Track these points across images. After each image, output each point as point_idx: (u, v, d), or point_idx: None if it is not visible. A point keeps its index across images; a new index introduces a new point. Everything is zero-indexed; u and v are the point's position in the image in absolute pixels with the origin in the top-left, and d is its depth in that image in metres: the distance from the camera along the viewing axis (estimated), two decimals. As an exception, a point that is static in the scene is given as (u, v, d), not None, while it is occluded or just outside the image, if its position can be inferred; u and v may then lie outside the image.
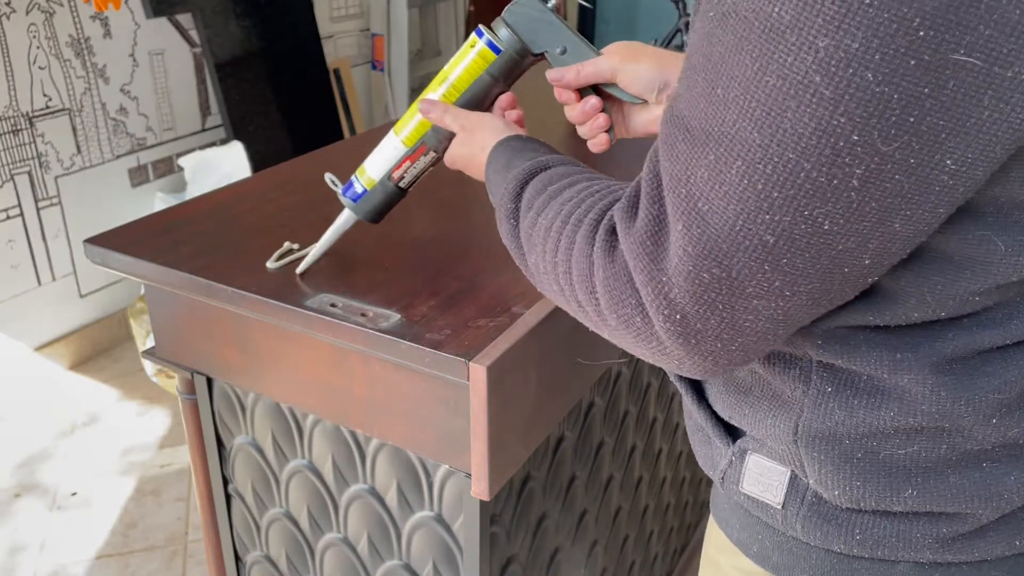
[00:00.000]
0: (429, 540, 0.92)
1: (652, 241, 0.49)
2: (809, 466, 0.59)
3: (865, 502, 0.58)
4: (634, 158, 1.12)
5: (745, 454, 0.63)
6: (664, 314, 0.50)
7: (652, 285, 0.49)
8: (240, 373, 0.96)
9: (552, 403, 0.88)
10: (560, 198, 0.61)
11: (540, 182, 0.65)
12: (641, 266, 0.50)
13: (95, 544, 1.89)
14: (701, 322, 0.49)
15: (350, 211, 0.90)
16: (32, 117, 2.34)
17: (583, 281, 0.55)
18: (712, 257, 0.46)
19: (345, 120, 3.33)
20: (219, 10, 2.72)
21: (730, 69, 0.44)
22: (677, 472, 1.54)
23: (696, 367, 0.53)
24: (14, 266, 2.38)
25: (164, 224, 1.01)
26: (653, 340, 0.52)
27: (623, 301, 0.52)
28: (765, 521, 0.64)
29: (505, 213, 0.67)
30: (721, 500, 0.70)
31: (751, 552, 0.67)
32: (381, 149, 0.88)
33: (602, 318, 0.55)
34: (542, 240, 0.60)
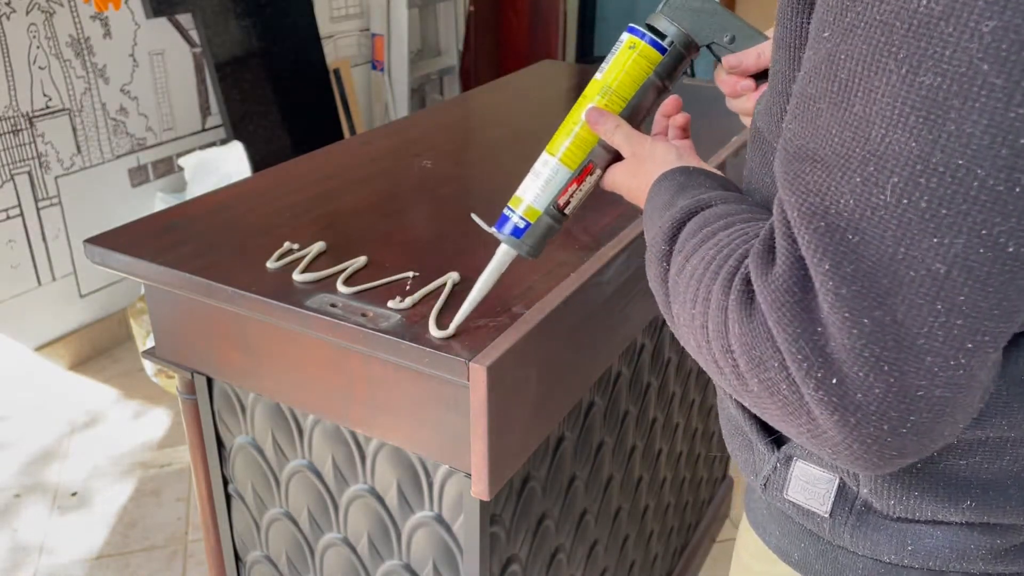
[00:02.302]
0: (429, 540, 0.92)
1: (798, 289, 0.42)
2: (864, 475, 0.56)
3: (921, 512, 0.55)
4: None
5: (791, 460, 0.60)
6: (816, 378, 0.42)
7: (800, 342, 0.42)
8: (240, 373, 0.96)
9: (552, 403, 0.88)
10: (711, 242, 0.54)
11: (697, 223, 0.57)
12: (785, 321, 0.42)
13: (95, 544, 1.89)
14: (863, 391, 0.41)
15: (509, 248, 0.78)
16: (32, 117, 2.34)
17: (718, 338, 0.48)
18: (871, 297, 0.40)
19: (345, 120, 3.33)
20: (219, 10, 2.72)
21: (868, 82, 0.39)
22: (677, 472, 1.54)
23: (858, 456, 0.44)
24: (14, 266, 2.38)
25: (164, 224, 1.01)
26: (803, 414, 0.44)
27: (764, 363, 0.44)
28: (809, 529, 0.62)
29: (657, 256, 0.59)
30: (759, 506, 0.68)
31: (791, 560, 0.65)
32: (538, 174, 0.76)
33: (742, 382, 0.47)
34: (684, 288, 0.53)
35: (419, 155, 1.26)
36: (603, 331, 0.96)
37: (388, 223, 1.02)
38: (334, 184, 1.14)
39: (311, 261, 0.91)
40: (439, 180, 1.17)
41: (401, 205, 1.08)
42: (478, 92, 1.65)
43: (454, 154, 1.30)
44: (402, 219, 1.04)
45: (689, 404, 1.50)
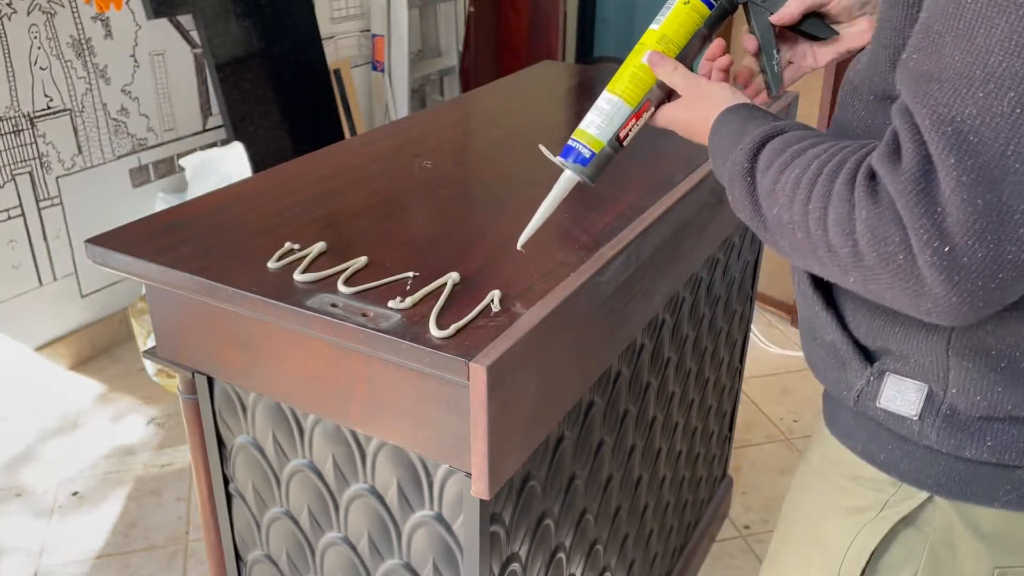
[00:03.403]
0: (429, 539, 0.93)
1: (924, 179, 0.54)
2: (955, 375, 0.67)
3: (1002, 408, 0.66)
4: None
5: (884, 374, 0.72)
6: (933, 247, 0.54)
7: (925, 219, 0.54)
8: (241, 373, 0.96)
9: (552, 403, 0.88)
10: (806, 155, 0.65)
11: (779, 143, 0.69)
12: (914, 202, 0.54)
13: (96, 544, 1.89)
14: (968, 255, 0.53)
15: (573, 174, 0.88)
16: (33, 117, 2.34)
17: (841, 224, 0.59)
18: (985, 183, 0.52)
19: (345, 120, 3.33)
20: (220, 11, 2.72)
21: (990, 20, 0.51)
22: (676, 471, 1.54)
23: (950, 308, 0.56)
24: (15, 266, 2.38)
25: (165, 224, 1.01)
26: (912, 279, 0.56)
27: (887, 239, 0.56)
28: (898, 433, 0.73)
29: (741, 172, 0.70)
30: (844, 417, 0.79)
31: (877, 461, 0.75)
32: (599, 111, 0.86)
33: (857, 259, 0.59)
34: (790, 193, 0.64)
35: (419, 155, 1.26)
36: (603, 331, 0.97)
37: (388, 223, 1.03)
38: (335, 184, 1.14)
39: (312, 261, 0.92)
40: (439, 180, 1.17)
41: (401, 205, 1.08)
42: (478, 92, 1.65)
43: (454, 154, 1.30)
44: (402, 219, 1.04)
45: (688, 403, 1.50)
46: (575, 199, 1.09)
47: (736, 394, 1.86)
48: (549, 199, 0.89)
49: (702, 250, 1.24)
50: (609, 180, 1.09)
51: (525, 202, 1.10)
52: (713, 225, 1.26)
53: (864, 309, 0.73)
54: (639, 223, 1.02)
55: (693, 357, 1.45)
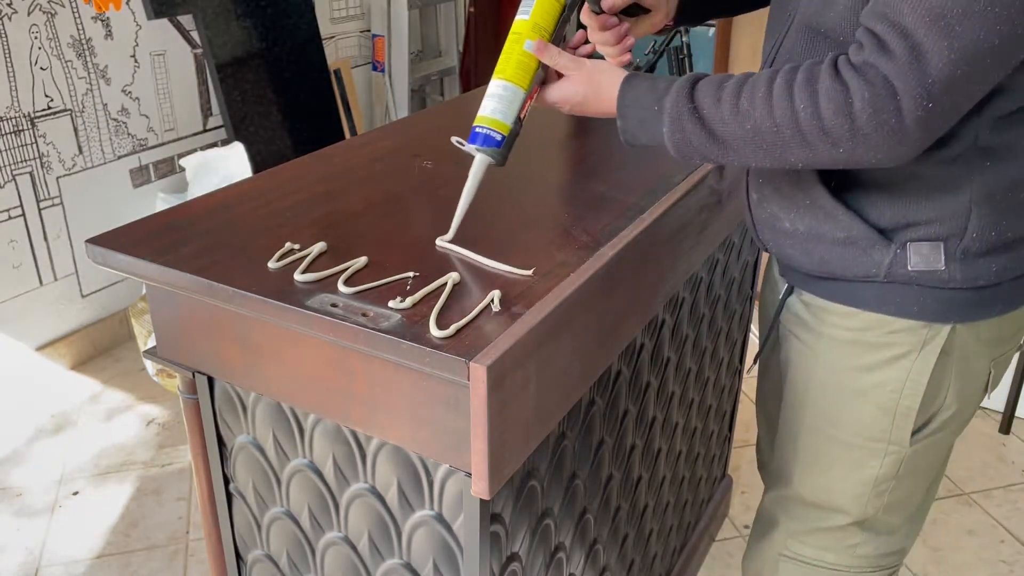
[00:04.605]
0: (429, 539, 0.93)
1: (916, 61, 0.75)
2: (974, 222, 0.90)
3: (1005, 237, 0.91)
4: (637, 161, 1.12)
5: (906, 245, 0.93)
6: (923, 106, 0.76)
7: (920, 87, 0.76)
8: (241, 373, 0.96)
9: (552, 402, 0.89)
10: (754, 81, 0.84)
11: (708, 84, 0.87)
12: (907, 78, 0.76)
13: (96, 543, 1.89)
14: (940, 107, 0.77)
15: (487, 157, 0.97)
16: (34, 118, 2.35)
17: (839, 109, 0.79)
18: (965, 59, 0.75)
19: (346, 120, 3.33)
20: (220, 11, 2.72)
21: None
22: (676, 471, 1.54)
23: (918, 148, 0.80)
24: (16, 266, 2.38)
25: (165, 224, 1.01)
26: (898, 134, 0.78)
27: (883, 109, 0.77)
28: (927, 285, 0.94)
29: (686, 112, 0.87)
30: (871, 291, 0.97)
31: (911, 312, 0.96)
32: (498, 97, 0.96)
33: (852, 132, 0.79)
34: (764, 106, 0.83)
35: (419, 156, 1.26)
36: (603, 331, 0.97)
37: (389, 223, 1.03)
38: (335, 184, 1.14)
39: (312, 261, 0.92)
40: (439, 180, 1.17)
41: (402, 206, 1.08)
42: (478, 93, 1.65)
43: (454, 154, 1.30)
44: (403, 219, 1.04)
45: (688, 403, 1.50)
46: (575, 199, 1.09)
47: (736, 394, 1.86)
48: (468, 186, 0.98)
49: (702, 250, 1.24)
50: (609, 180, 1.10)
51: (525, 202, 1.11)
52: (713, 225, 1.26)
53: (885, 200, 0.93)
54: (639, 223, 1.02)
55: (693, 357, 1.45)
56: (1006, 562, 1.89)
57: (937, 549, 1.92)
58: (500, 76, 0.96)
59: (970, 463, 2.21)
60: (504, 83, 0.96)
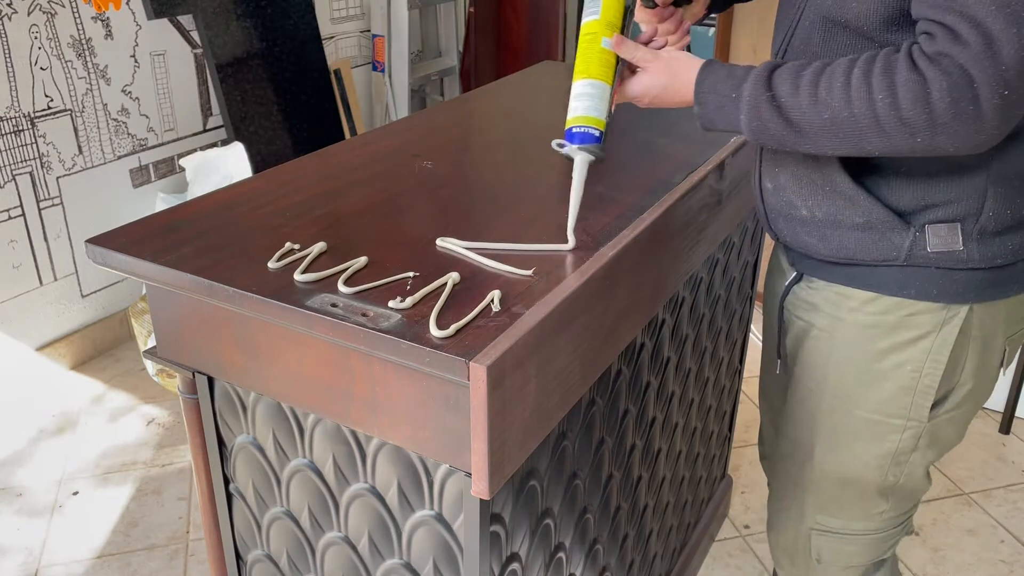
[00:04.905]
0: (429, 539, 0.93)
1: (989, 48, 0.78)
2: (991, 202, 0.94)
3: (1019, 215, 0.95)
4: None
5: (925, 228, 0.96)
6: (1000, 94, 0.79)
7: (995, 74, 0.78)
8: (241, 373, 0.96)
9: (552, 402, 0.89)
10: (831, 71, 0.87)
11: (788, 72, 0.90)
12: (983, 66, 0.78)
13: (96, 543, 1.89)
14: (1016, 93, 0.80)
15: (588, 155, 0.99)
16: (34, 118, 2.35)
17: (917, 99, 0.81)
18: None
19: (346, 120, 3.33)
20: (220, 11, 2.72)
21: None
22: (676, 471, 1.54)
23: (997, 135, 0.82)
24: (16, 266, 2.38)
25: (165, 224, 1.01)
26: (976, 120, 0.81)
27: (962, 96, 0.80)
28: (946, 267, 0.97)
29: (764, 100, 0.90)
30: (891, 275, 1.00)
31: (930, 295, 0.99)
32: (588, 96, 0.99)
33: (931, 121, 0.82)
34: (842, 96, 0.85)
35: (419, 156, 1.26)
36: (603, 331, 0.97)
37: (389, 223, 1.03)
38: (335, 184, 1.14)
39: (312, 261, 0.92)
40: (440, 180, 1.17)
41: (402, 205, 1.08)
42: (478, 93, 1.66)
43: (454, 155, 1.30)
44: (403, 219, 1.04)
45: (688, 403, 1.50)
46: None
47: (736, 394, 1.86)
48: (576, 185, 0.99)
49: (702, 250, 1.24)
50: (609, 180, 1.10)
51: (526, 202, 1.11)
52: (713, 225, 1.26)
53: (904, 183, 0.96)
54: (639, 223, 1.02)
55: (693, 357, 1.45)
56: (1006, 562, 1.89)
57: (937, 549, 1.92)
58: (584, 76, 0.99)
59: (970, 463, 2.21)
60: (591, 81, 0.99)
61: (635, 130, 1.39)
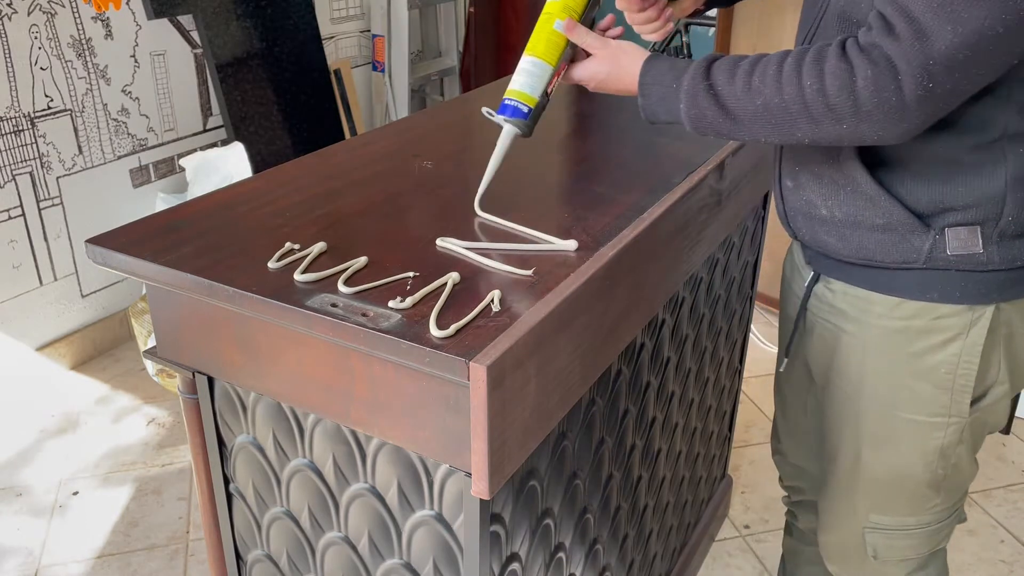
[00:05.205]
0: (430, 539, 0.93)
1: (918, 42, 0.80)
2: (1009, 206, 0.94)
3: None
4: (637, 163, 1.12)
5: (944, 230, 0.97)
6: (924, 86, 0.81)
7: (921, 68, 0.80)
8: (241, 373, 0.96)
9: (552, 402, 0.89)
10: (765, 61, 0.90)
11: (724, 63, 0.93)
12: (909, 58, 0.81)
13: (96, 543, 1.90)
14: (941, 87, 0.81)
15: (513, 127, 1.04)
16: (34, 118, 2.35)
17: (843, 87, 0.84)
18: (966, 45, 0.79)
19: (346, 120, 3.33)
20: (220, 11, 2.72)
21: None
22: (676, 471, 1.54)
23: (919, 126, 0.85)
24: (16, 266, 2.38)
25: (165, 224, 1.01)
26: (899, 111, 0.83)
27: (885, 87, 0.82)
28: (967, 270, 0.98)
29: (702, 89, 0.93)
30: (912, 279, 1.01)
31: (953, 297, 1.00)
32: (527, 72, 1.03)
33: (855, 109, 0.84)
34: (774, 83, 0.88)
35: (420, 156, 1.26)
36: (603, 331, 0.97)
37: (389, 223, 1.03)
38: (335, 184, 1.14)
39: (312, 261, 0.92)
40: (439, 180, 1.17)
41: (402, 205, 1.08)
42: (478, 93, 1.66)
43: (454, 155, 1.30)
44: (403, 219, 1.04)
45: (688, 403, 1.50)
46: (575, 199, 1.09)
47: (736, 394, 1.86)
48: (496, 154, 1.04)
49: (702, 250, 1.24)
50: (609, 180, 1.10)
51: (525, 202, 1.11)
52: (713, 225, 1.26)
53: (921, 185, 0.96)
54: (639, 223, 1.02)
55: (693, 357, 1.45)
56: (1006, 562, 1.89)
57: (937, 549, 1.92)
58: (531, 53, 1.03)
59: (970, 463, 2.21)
60: (533, 59, 1.03)
61: (635, 130, 1.39)
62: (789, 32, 2.69)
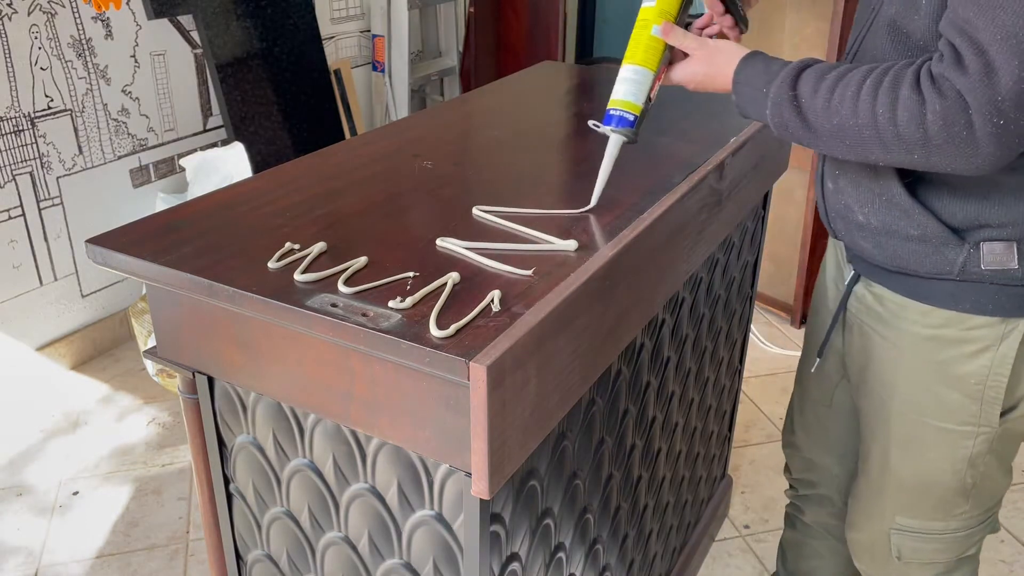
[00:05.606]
0: (430, 539, 0.93)
1: (987, 77, 0.80)
2: None
3: None
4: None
5: (979, 245, 0.97)
6: (993, 122, 0.80)
7: (989, 104, 0.80)
8: (241, 373, 0.96)
9: (552, 402, 0.89)
10: (849, 77, 0.90)
11: (813, 73, 0.93)
12: (978, 93, 0.80)
13: (96, 543, 1.90)
14: (1014, 123, 0.81)
15: (620, 136, 1.05)
16: (34, 118, 2.35)
17: (912, 119, 0.84)
18: None
19: (346, 120, 3.33)
20: (220, 11, 2.72)
21: None
22: (676, 471, 1.54)
23: (995, 162, 0.84)
24: (16, 266, 2.38)
25: (165, 224, 1.01)
26: (971, 146, 0.83)
27: (955, 122, 0.82)
28: (1000, 284, 0.99)
29: (787, 99, 0.94)
30: (946, 289, 1.02)
31: (986, 309, 1.01)
32: (629, 80, 1.04)
33: (925, 141, 0.84)
34: (851, 104, 0.88)
35: (420, 155, 1.26)
36: (603, 331, 0.97)
37: (389, 223, 1.03)
38: (335, 184, 1.14)
39: (312, 261, 0.92)
40: (440, 180, 1.17)
41: (402, 205, 1.08)
42: (478, 93, 1.66)
43: (454, 155, 1.30)
44: (403, 219, 1.04)
45: (688, 403, 1.50)
46: (575, 199, 1.09)
47: (736, 394, 1.86)
48: (606, 161, 1.06)
49: (702, 250, 1.24)
50: (609, 180, 1.10)
51: (526, 202, 1.11)
52: (713, 225, 1.26)
53: (958, 201, 0.97)
54: (639, 223, 1.02)
55: (693, 357, 1.45)
56: (1006, 562, 1.89)
57: (937, 549, 1.92)
58: (630, 61, 1.04)
59: (970, 463, 2.21)
60: (635, 67, 1.04)
61: (635, 130, 1.38)
62: (789, 32, 2.70)
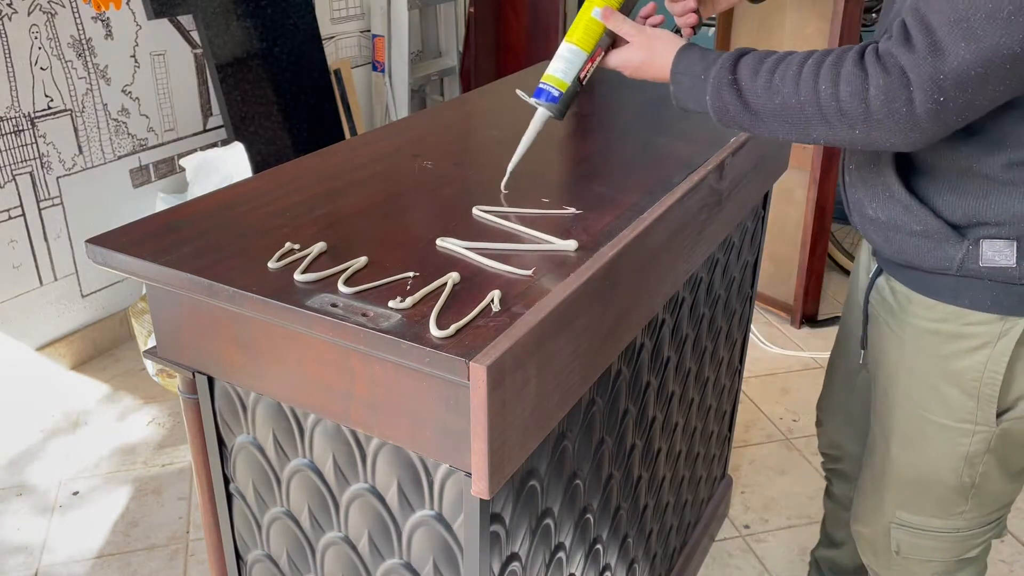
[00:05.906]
0: (430, 539, 0.93)
1: (932, 55, 0.82)
2: None
3: None
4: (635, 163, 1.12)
5: (979, 242, 0.98)
6: (933, 98, 0.82)
7: (931, 82, 0.82)
8: (241, 373, 0.96)
9: (552, 402, 0.89)
10: (789, 59, 0.92)
11: (751, 59, 0.95)
12: (921, 70, 0.82)
13: (96, 543, 1.90)
14: (953, 101, 0.83)
15: (546, 111, 1.08)
16: (34, 118, 2.35)
17: (855, 94, 0.86)
18: (980, 63, 0.80)
19: (346, 120, 3.33)
20: (220, 11, 2.72)
21: None
22: (676, 471, 1.54)
23: (932, 137, 0.86)
24: (16, 266, 2.38)
25: (165, 224, 1.01)
26: (910, 122, 0.85)
27: (896, 97, 0.84)
28: (999, 280, 0.99)
29: (726, 83, 0.95)
30: (946, 284, 1.03)
31: (984, 306, 1.01)
32: (562, 58, 1.07)
33: (867, 116, 0.86)
34: (793, 83, 0.90)
35: (419, 155, 1.26)
36: (603, 331, 0.97)
37: (389, 223, 1.03)
38: (335, 184, 1.14)
39: (312, 261, 0.92)
40: (439, 180, 1.17)
41: (402, 205, 1.08)
42: (478, 93, 1.66)
43: (454, 155, 1.30)
44: (403, 219, 1.04)
45: (688, 403, 1.50)
46: (575, 199, 1.10)
47: (736, 394, 1.86)
48: (527, 135, 1.08)
49: (702, 250, 1.24)
50: (609, 181, 1.10)
51: (526, 202, 1.11)
52: (713, 225, 1.26)
53: (956, 198, 0.98)
54: (639, 223, 1.02)
55: (693, 357, 1.45)
56: (1006, 562, 1.89)
57: (937, 549, 1.92)
58: (568, 39, 1.07)
59: (970, 463, 2.21)
60: (570, 46, 1.06)
61: (635, 130, 1.39)
62: (789, 32, 2.70)
